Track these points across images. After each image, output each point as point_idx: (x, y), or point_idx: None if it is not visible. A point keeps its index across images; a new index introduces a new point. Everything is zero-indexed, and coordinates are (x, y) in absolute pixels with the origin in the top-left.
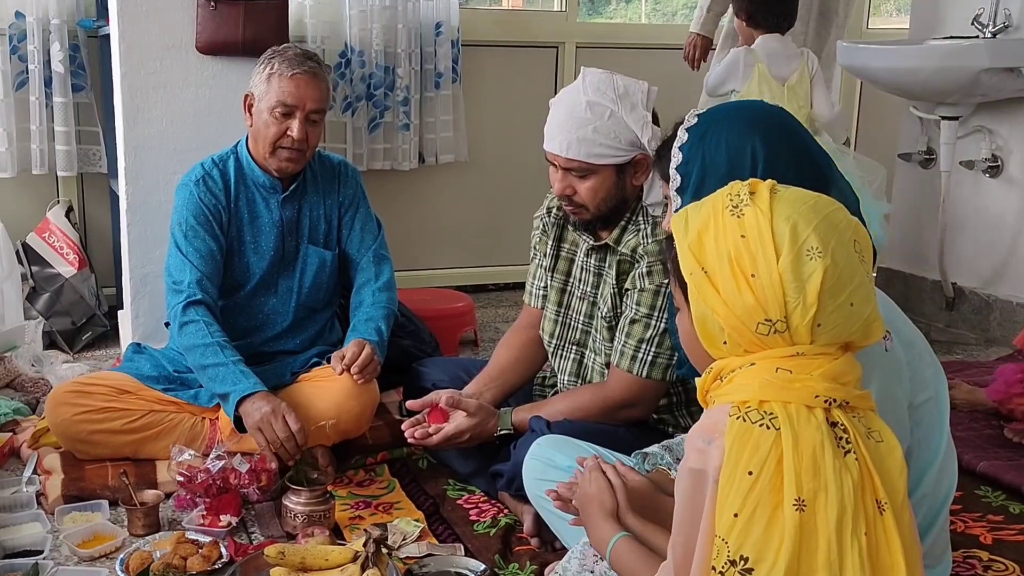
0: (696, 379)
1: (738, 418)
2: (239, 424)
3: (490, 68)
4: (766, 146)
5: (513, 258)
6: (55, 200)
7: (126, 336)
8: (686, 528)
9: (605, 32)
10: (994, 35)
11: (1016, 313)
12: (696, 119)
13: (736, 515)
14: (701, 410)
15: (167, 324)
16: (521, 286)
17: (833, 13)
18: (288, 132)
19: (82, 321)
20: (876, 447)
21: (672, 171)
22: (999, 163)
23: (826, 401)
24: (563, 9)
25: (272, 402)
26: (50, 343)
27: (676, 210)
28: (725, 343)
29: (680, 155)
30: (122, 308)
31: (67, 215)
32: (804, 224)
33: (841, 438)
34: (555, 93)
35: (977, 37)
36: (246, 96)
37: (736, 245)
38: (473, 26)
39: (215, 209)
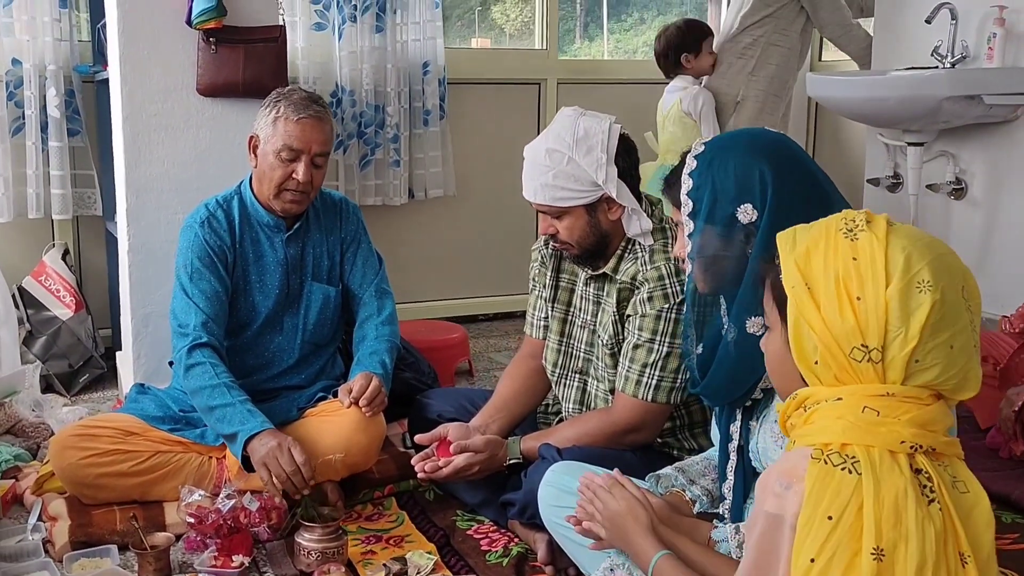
0: (777, 404)
1: (820, 461)
2: (247, 464)
3: (476, 105)
4: (773, 170)
5: (502, 288)
6: (51, 243)
7: (126, 377)
8: (756, 574)
9: (585, 68)
10: (953, 65)
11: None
12: (703, 147)
13: (813, 560)
14: (704, 432)
15: (171, 363)
16: (511, 316)
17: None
18: (293, 175)
19: (79, 364)
20: (961, 497)
21: (683, 197)
22: (963, 185)
23: (912, 447)
24: (544, 47)
25: (277, 436)
26: (47, 387)
27: (690, 234)
28: (817, 363)
29: (690, 181)
30: (120, 349)
31: (63, 258)
32: (919, 256)
33: (925, 486)
34: (538, 127)
35: (937, 67)
36: (251, 137)
37: (846, 265)
38: (458, 65)
39: (220, 250)
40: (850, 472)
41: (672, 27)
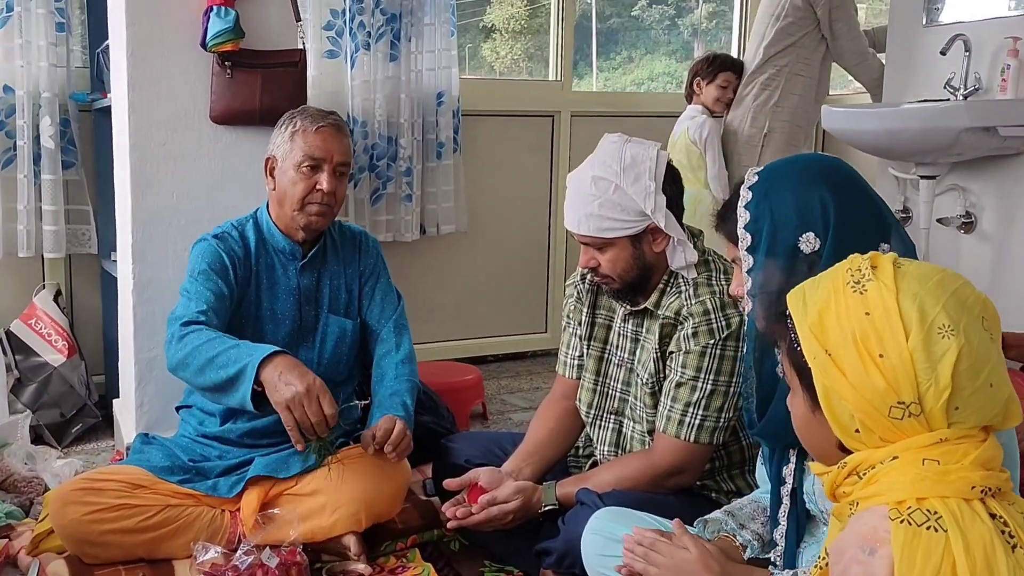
0: (818, 470)
1: (902, 522)
2: (257, 402)
3: (488, 137)
4: (833, 195)
5: (512, 328)
6: (41, 284)
7: (125, 427)
8: None
9: (597, 101)
10: (965, 97)
11: None
12: (756, 177)
13: None
14: (742, 473)
15: (178, 408)
16: (521, 356)
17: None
18: (317, 187)
19: (72, 413)
20: None
21: (740, 231)
22: (972, 219)
23: (982, 491)
24: (559, 78)
25: (305, 378)
26: (36, 438)
27: (748, 270)
28: (858, 431)
29: (747, 214)
30: (116, 397)
31: (55, 299)
32: (932, 301)
33: (1004, 531)
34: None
35: (948, 100)
36: (267, 160)
37: (861, 324)
38: (472, 96)
39: (233, 260)
40: (936, 530)
41: (705, 55)
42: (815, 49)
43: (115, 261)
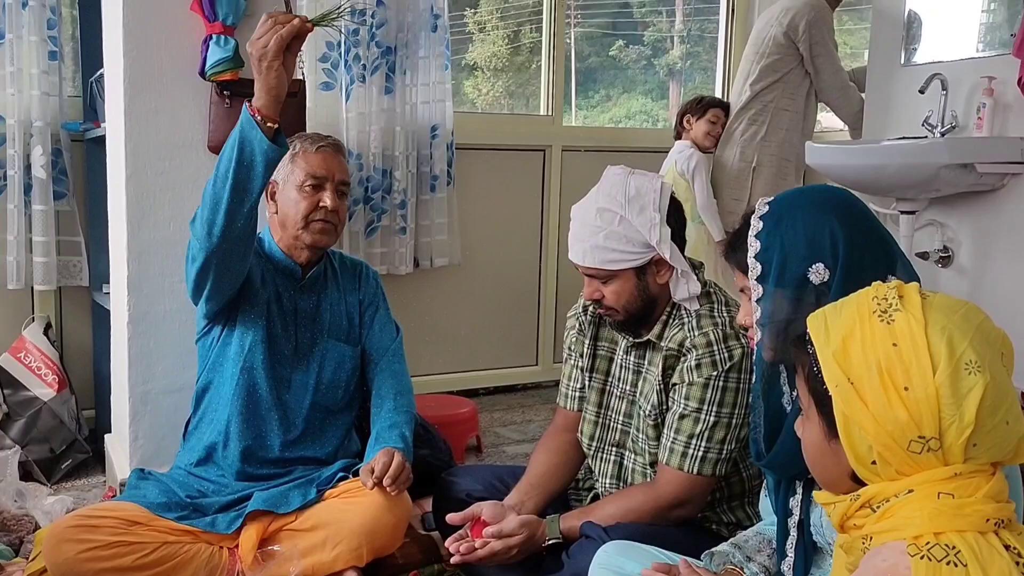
0: (825, 500)
1: (922, 558)
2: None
3: (480, 170)
4: (843, 227)
5: (504, 361)
6: (31, 317)
7: (118, 462)
8: None
9: (588, 135)
10: (943, 135)
11: None
12: (767, 207)
13: None
14: (742, 504)
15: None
16: (512, 389)
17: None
18: (321, 204)
19: (62, 448)
20: None
21: (751, 260)
22: (950, 253)
23: (996, 523)
24: (549, 113)
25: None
26: (25, 474)
27: (757, 300)
28: (874, 463)
29: (758, 243)
30: (108, 431)
31: (45, 332)
32: (960, 336)
33: (1018, 563)
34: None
35: (927, 137)
36: (267, 184)
37: (887, 354)
38: (465, 129)
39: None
40: (956, 565)
41: (692, 96)
42: (800, 84)
43: (107, 293)
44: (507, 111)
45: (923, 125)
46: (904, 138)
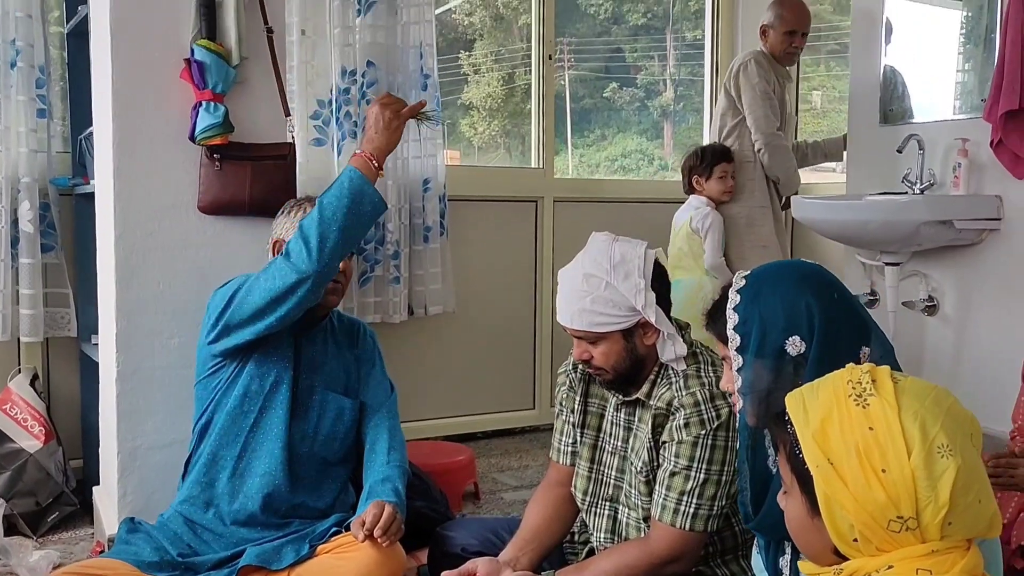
0: (809, 571)
1: None
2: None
3: (474, 221)
4: (818, 300)
5: (501, 405)
6: (17, 368)
7: (106, 515)
8: None
9: (578, 187)
10: (922, 192)
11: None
12: (744, 280)
13: None
14: (735, 558)
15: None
16: (509, 433)
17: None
18: None
19: (48, 501)
20: None
21: (730, 332)
22: (935, 303)
23: None
24: (541, 166)
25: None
26: (10, 527)
27: (738, 369)
28: (856, 540)
29: (736, 316)
30: (96, 483)
31: (32, 383)
32: (932, 420)
33: None
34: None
35: (907, 193)
36: (275, 242)
37: (864, 437)
38: (458, 182)
39: None
40: None
41: (694, 148)
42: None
43: (95, 344)
44: (504, 150)
45: (903, 182)
46: (886, 193)
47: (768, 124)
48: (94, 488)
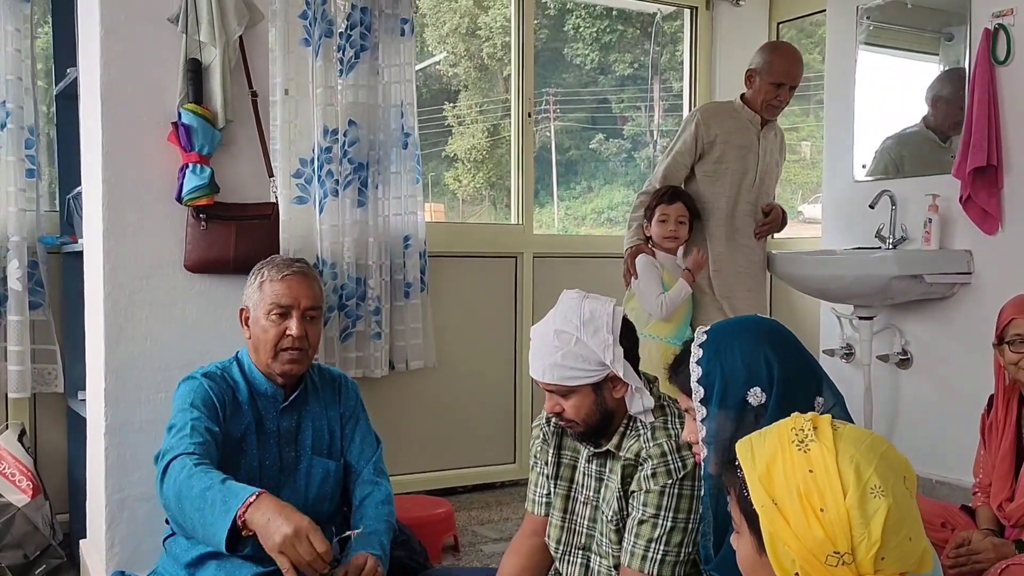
0: None
1: None
2: (231, 543)
3: (454, 277)
4: (776, 352)
5: (481, 459)
6: (4, 424)
7: (93, 568)
8: None
9: (557, 243)
10: (895, 246)
11: (936, 490)
12: (706, 335)
13: None
14: None
15: (166, 538)
16: (490, 487)
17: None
18: (287, 332)
19: (36, 554)
20: None
21: (693, 384)
22: (908, 356)
23: None
24: (520, 222)
25: (292, 519)
26: None
27: (702, 419)
28: (797, 574)
29: (699, 369)
30: (83, 537)
31: (20, 439)
32: (866, 464)
33: None
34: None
35: (880, 248)
36: (241, 310)
37: (805, 479)
38: (438, 238)
39: (221, 399)
40: None
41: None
42: (699, 180)
43: (82, 400)
44: (488, 202)
45: (876, 236)
46: (859, 248)
47: (650, 181)
48: (81, 541)
